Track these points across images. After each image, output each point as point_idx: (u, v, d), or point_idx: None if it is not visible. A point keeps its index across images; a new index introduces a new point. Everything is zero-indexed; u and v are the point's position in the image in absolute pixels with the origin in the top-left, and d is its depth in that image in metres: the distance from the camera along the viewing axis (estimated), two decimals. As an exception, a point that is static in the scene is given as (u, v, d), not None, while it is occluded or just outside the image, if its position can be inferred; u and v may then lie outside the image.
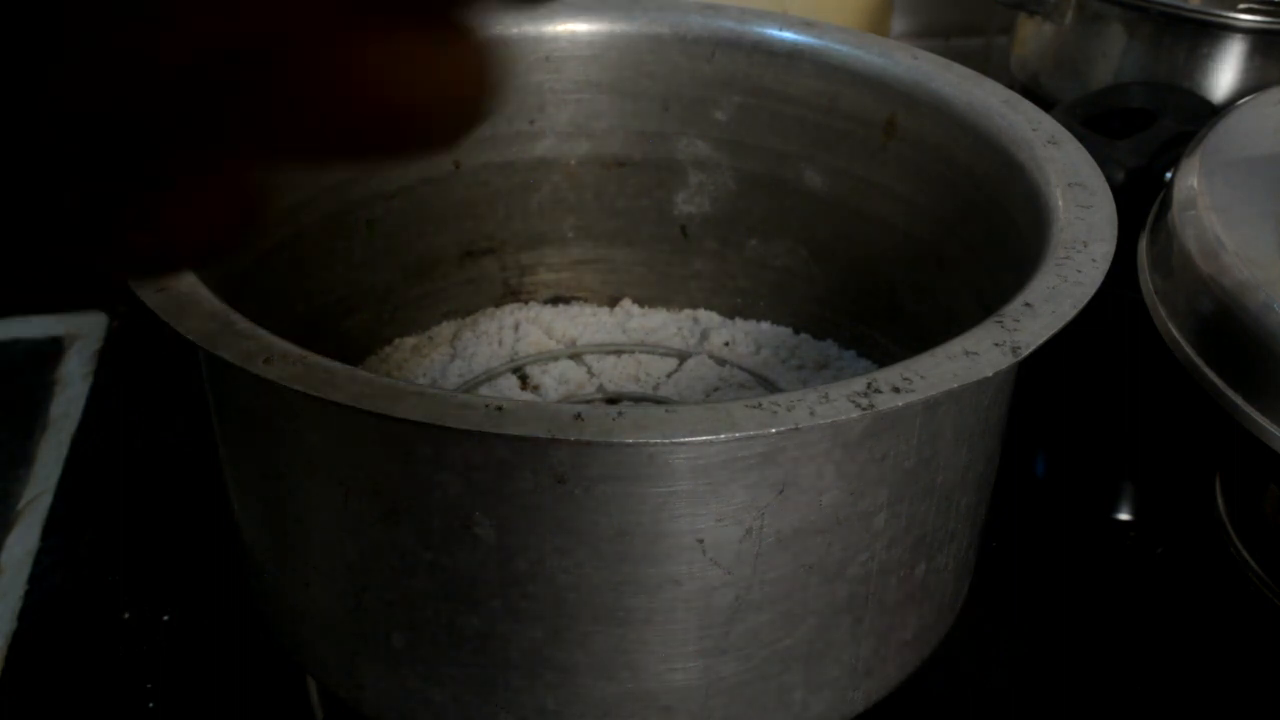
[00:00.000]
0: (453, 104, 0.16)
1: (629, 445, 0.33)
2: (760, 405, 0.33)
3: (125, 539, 0.55)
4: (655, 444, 0.33)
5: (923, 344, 0.36)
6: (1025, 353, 0.36)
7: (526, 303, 0.61)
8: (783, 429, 0.33)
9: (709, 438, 0.32)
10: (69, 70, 0.14)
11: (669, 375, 0.57)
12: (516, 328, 0.59)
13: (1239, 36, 0.69)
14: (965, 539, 0.43)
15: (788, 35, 0.54)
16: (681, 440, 0.33)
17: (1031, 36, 0.80)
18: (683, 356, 0.58)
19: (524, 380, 0.57)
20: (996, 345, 0.36)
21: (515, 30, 0.55)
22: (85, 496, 0.57)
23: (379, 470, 0.36)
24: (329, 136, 0.15)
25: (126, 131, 0.15)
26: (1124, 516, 0.59)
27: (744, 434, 0.32)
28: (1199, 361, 0.48)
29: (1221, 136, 0.56)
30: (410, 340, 0.59)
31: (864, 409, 0.33)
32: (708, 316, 0.61)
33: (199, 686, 0.49)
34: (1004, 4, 0.80)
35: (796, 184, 0.57)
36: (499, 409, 0.32)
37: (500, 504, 0.35)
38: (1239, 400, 0.46)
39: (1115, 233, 0.42)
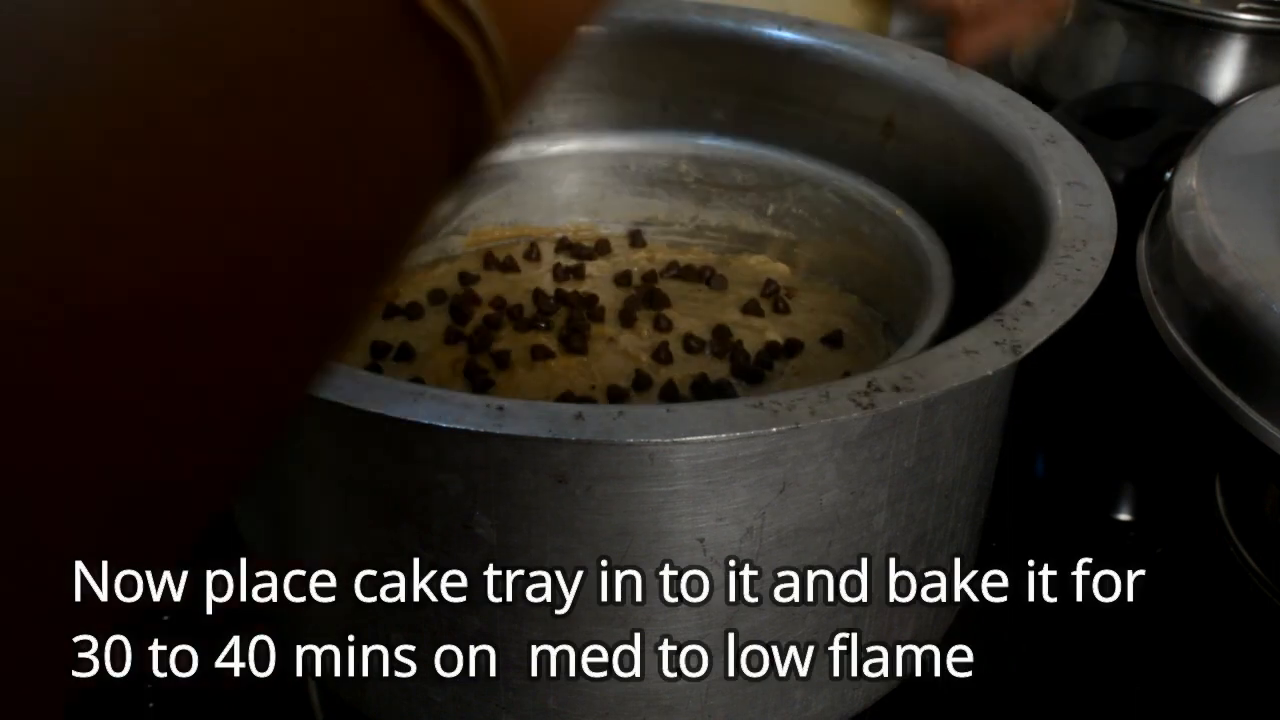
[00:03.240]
0: None
1: (629, 445, 0.33)
2: (761, 405, 0.33)
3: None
4: (656, 444, 0.33)
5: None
6: (1025, 351, 0.36)
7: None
8: (783, 428, 0.33)
9: (709, 437, 0.32)
10: None
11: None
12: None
13: (1239, 36, 0.69)
14: (965, 539, 0.43)
15: (787, 35, 0.54)
16: (682, 440, 0.33)
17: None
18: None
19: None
20: (996, 344, 0.36)
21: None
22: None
23: (379, 470, 0.36)
24: None
25: None
26: (1124, 516, 0.59)
27: (745, 433, 0.32)
28: (1198, 362, 0.48)
29: (1221, 136, 0.56)
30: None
31: (864, 408, 0.33)
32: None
33: (199, 686, 0.49)
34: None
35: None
36: (499, 409, 0.32)
37: (500, 504, 0.35)
38: (1238, 400, 0.46)
39: (1114, 232, 0.42)
